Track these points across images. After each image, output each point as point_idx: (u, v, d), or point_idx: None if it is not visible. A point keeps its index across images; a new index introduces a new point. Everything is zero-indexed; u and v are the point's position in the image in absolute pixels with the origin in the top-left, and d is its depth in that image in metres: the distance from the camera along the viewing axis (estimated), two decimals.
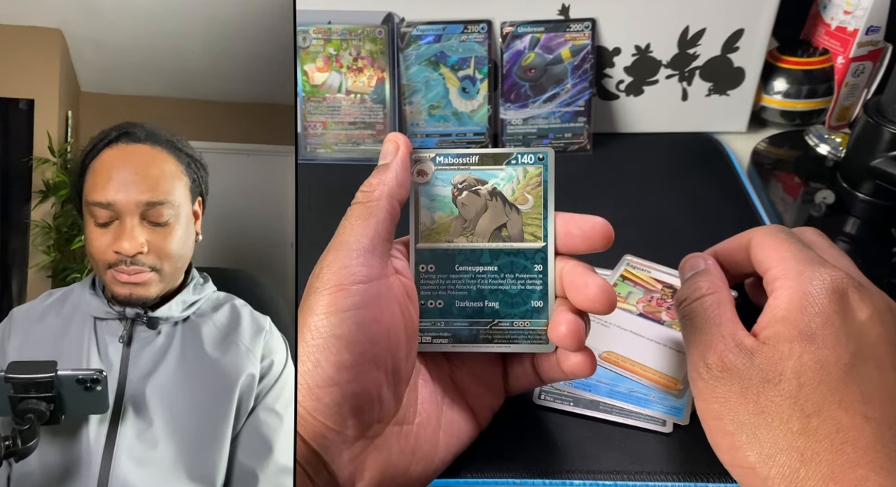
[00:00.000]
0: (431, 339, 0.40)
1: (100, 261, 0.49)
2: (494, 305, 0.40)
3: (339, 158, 0.78)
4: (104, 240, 0.49)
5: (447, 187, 0.40)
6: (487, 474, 0.43)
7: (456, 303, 0.40)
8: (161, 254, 0.49)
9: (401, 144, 0.39)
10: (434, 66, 0.76)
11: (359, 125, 0.77)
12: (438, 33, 0.75)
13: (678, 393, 0.47)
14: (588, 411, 0.46)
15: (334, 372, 0.34)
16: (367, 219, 0.37)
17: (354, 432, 0.36)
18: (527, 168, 0.39)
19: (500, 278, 0.40)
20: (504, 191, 0.40)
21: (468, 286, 0.40)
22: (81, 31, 0.66)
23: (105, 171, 0.49)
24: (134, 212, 0.49)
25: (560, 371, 0.41)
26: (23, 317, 0.51)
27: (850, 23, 0.75)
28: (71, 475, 0.46)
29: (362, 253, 0.37)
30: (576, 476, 0.42)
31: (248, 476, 0.48)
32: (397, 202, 0.39)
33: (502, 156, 0.40)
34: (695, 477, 0.42)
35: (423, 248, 0.40)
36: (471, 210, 0.40)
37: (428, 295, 0.40)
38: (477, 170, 0.40)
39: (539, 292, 0.40)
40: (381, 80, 0.76)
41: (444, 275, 0.40)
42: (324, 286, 0.36)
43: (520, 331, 0.40)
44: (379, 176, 0.39)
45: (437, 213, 0.40)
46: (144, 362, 0.49)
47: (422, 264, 0.40)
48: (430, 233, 0.40)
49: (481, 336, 0.40)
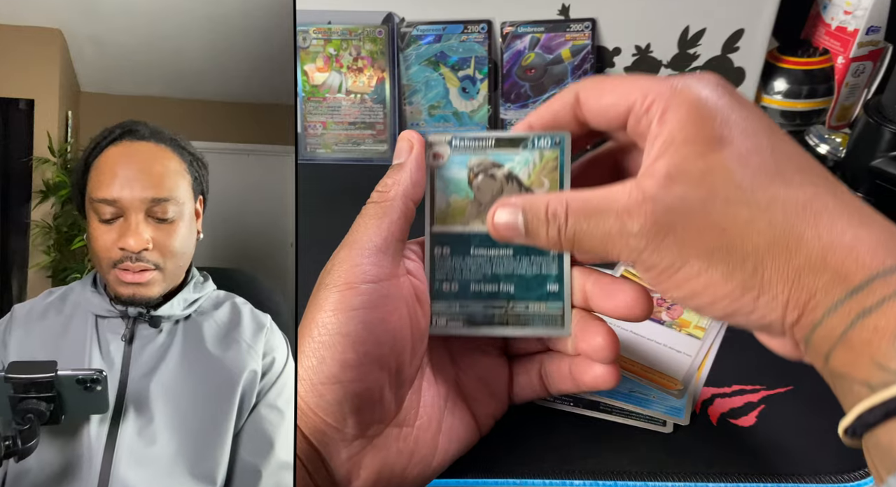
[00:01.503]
0: (446, 322, 0.40)
1: (104, 259, 0.49)
2: (510, 289, 0.40)
3: (339, 158, 0.78)
4: (108, 237, 0.49)
5: (463, 170, 0.40)
6: (487, 474, 0.43)
7: (471, 286, 0.40)
8: (165, 251, 0.50)
9: (415, 143, 0.39)
10: (434, 66, 0.76)
11: (359, 125, 0.77)
12: (438, 33, 0.75)
13: (678, 393, 0.47)
14: (588, 411, 0.46)
15: (338, 369, 0.34)
16: (381, 218, 0.37)
17: (354, 430, 0.36)
18: (543, 151, 0.39)
19: (515, 261, 0.40)
20: (520, 175, 0.39)
21: (483, 269, 0.40)
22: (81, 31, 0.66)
23: (109, 168, 0.50)
24: (139, 209, 0.49)
25: (572, 382, 0.40)
26: (24, 315, 0.52)
27: (851, 23, 0.75)
28: (72, 472, 0.46)
29: (374, 252, 0.36)
30: (576, 476, 0.42)
31: (250, 472, 0.49)
32: (412, 202, 0.38)
33: (519, 139, 0.39)
34: (695, 477, 0.42)
35: (438, 232, 0.40)
36: (486, 193, 0.40)
37: (443, 278, 0.40)
38: (493, 154, 0.39)
39: (555, 276, 0.39)
40: (381, 80, 0.76)
41: (459, 258, 0.40)
42: (333, 283, 0.36)
43: (535, 315, 0.40)
44: (394, 176, 0.39)
45: (453, 196, 0.40)
46: (146, 360, 0.49)
47: (437, 247, 0.40)
48: (445, 216, 0.40)
49: (496, 318, 0.40)
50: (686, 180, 0.31)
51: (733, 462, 0.43)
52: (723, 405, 0.47)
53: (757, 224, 0.30)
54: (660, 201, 0.31)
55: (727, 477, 0.42)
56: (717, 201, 0.31)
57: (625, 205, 0.32)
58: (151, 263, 0.49)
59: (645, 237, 0.32)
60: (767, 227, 0.30)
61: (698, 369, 0.49)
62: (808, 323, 0.30)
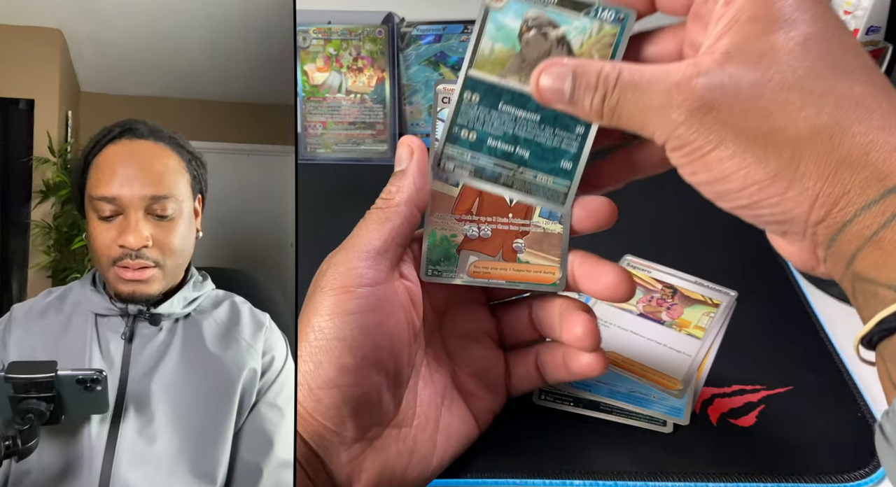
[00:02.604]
0: (454, 168, 0.39)
1: (103, 257, 0.49)
2: (524, 154, 0.39)
3: (339, 158, 0.78)
4: (108, 235, 0.49)
5: (518, 20, 0.38)
6: (487, 474, 0.43)
7: (488, 141, 0.39)
8: (164, 249, 0.50)
9: (415, 148, 0.39)
10: (434, 66, 0.76)
11: (359, 125, 0.77)
12: (438, 33, 0.75)
13: (678, 393, 0.47)
14: (588, 411, 0.46)
15: (336, 374, 0.34)
16: (383, 222, 0.37)
17: (353, 434, 0.36)
18: (603, 24, 0.38)
19: (538, 128, 0.39)
20: (572, 42, 0.38)
21: (506, 127, 0.39)
22: (81, 31, 0.66)
23: (109, 166, 0.50)
24: (138, 206, 0.49)
25: (566, 370, 0.40)
26: (23, 314, 0.52)
27: (850, 23, 0.75)
28: (72, 472, 0.47)
29: (372, 255, 0.36)
30: (576, 476, 0.42)
31: (250, 470, 0.49)
32: (416, 208, 0.38)
33: (584, 4, 0.37)
34: (695, 477, 0.42)
35: (473, 76, 0.39)
36: (533, 51, 0.38)
37: (464, 125, 0.39)
38: (553, 12, 0.38)
39: (572, 154, 0.39)
40: (381, 80, 0.76)
41: (485, 109, 0.39)
42: (329, 286, 0.35)
43: (541, 186, 0.39)
44: (397, 183, 0.38)
45: (499, 45, 0.38)
46: (146, 359, 0.49)
47: (467, 91, 0.39)
48: (485, 62, 0.39)
49: (503, 179, 0.39)
50: (743, 59, 0.30)
51: (733, 462, 0.43)
52: (723, 405, 0.47)
53: (805, 111, 0.29)
54: (711, 76, 0.30)
55: (727, 477, 0.42)
56: (769, 83, 0.30)
57: (676, 81, 0.31)
58: (151, 260, 0.49)
59: (686, 111, 0.30)
60: (815, 116, 0.29)
61: (698, 369, 0.49)
62: (837, 221, 0.29)
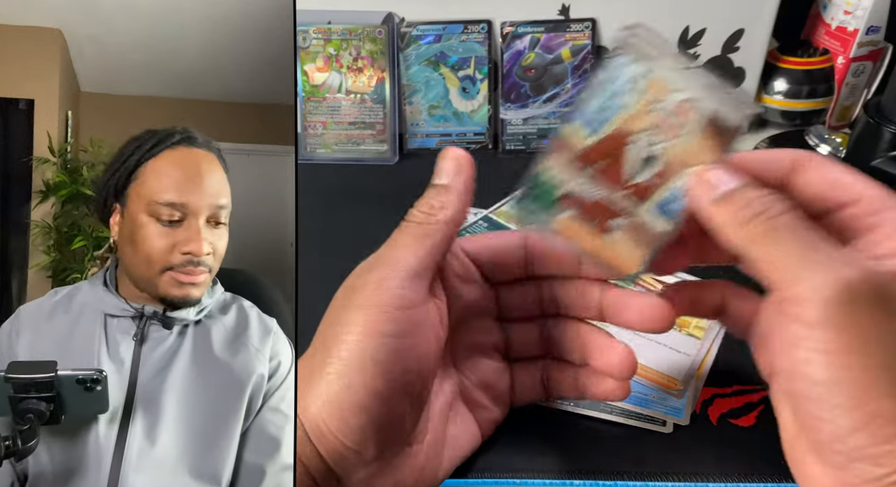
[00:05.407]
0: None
1: (157, 262, 0.49)
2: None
3: (339, 158, 0.78)
4: (167, 240, 0.49)
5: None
6: (488, 474, 0.43)
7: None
8: (217, 256, 0.52)
9: (464, 165, 0.36)
10: (434, 66, 0.76)
11: (359, 125, 0.77)
12: (438, 33, 0.75)
13: (678, 393, 0.47)
14: (588, 411, 0.46)
15: (367, 398, 0.33)
16: (423, 239, 0.35)
17: (374, 453, 0.35)
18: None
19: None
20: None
21: None
22: (81, 31, 0.66)
23: (173, 172, 0.51)
24: (203, 214, 0.50)
25: (577, 391, 0.40)
26: (31, 315, 0.52)
27: (851, 23, 0.75)
28: (81, 471, 0.47)
29: (410, 275, 0.35)
30: (576, 476, 0.42)
31: (254, 473, 0.49)
32: (457, 227, 0.37)
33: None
34: (695, 477, 0.42)
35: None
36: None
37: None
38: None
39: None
40: (381, 80, 0.76)
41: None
42: (367, 303, 0.34)
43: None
44: (439, 198, 0.36)
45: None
46: (156, 361, 0.49)
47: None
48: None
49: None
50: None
51: (733, 462, 0.43)
52: (723, 405, 0.47)
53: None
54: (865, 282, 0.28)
55: (727, 477, 0.42)
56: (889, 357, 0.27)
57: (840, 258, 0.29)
58: (207, 267, 0.50)
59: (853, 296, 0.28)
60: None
61: (698, 369, 0.49)
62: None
